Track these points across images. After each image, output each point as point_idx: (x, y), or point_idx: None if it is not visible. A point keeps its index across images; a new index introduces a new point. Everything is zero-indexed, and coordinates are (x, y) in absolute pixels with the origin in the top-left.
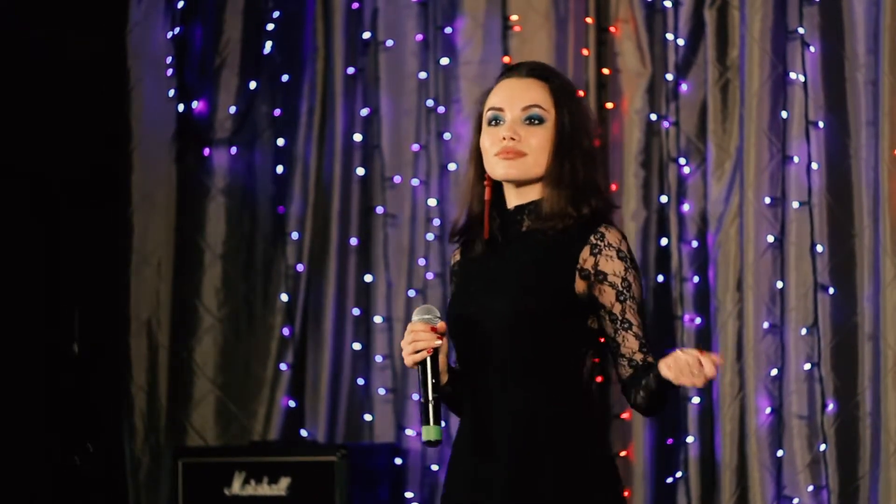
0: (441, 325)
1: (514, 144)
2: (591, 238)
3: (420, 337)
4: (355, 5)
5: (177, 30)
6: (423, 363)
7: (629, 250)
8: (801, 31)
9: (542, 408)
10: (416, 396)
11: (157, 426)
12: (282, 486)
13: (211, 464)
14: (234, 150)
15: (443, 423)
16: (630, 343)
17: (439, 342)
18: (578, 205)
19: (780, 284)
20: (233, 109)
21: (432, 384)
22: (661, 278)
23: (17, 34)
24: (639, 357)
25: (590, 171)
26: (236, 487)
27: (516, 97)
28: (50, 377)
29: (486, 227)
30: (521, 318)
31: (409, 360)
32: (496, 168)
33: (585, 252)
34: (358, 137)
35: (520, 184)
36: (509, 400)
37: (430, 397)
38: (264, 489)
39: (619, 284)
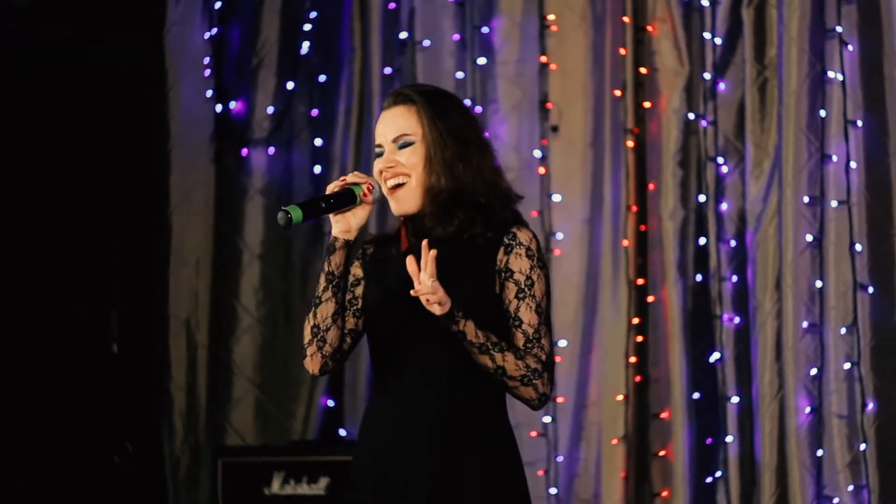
0: (374, 190)
1: (392, 171)
2: (505, 238)
3: (360, 178)
4: (392, 5)
5: (214, 30)
6: (341, 191)
7: (538, 249)
8: (839, 29)
9: (466, 410)
10: None
11: (196, 426)
12: (321, 486)
13: (250, 463)
14: (271, 150)
15: (302, 216)
16: (517, 339)
17: (368, 185)
18: (465, 207)
19: (819, 284)
20: (270, 110)
21: (328, 202)
22: (699, 277)
23: (57, 36)
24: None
25: (469, 173)
26: (276, 487)
27: (388, 132)
28: (90, 377)
29: (403, 241)
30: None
31: (336, 184)
32: (391, 205)
33: (501, 253)
34: None
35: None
36: (434, 401)
37: (321, 201)
38: (303, 488)
39: (522, 282)
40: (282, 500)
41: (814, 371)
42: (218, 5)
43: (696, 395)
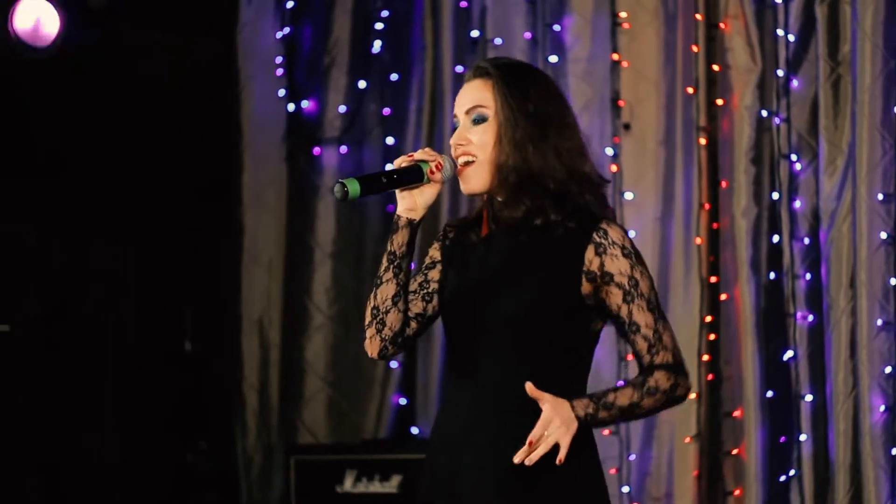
0: (444, 168)
1: (462, 149)
2: (595, 236)
3: (428, 155)
4: (464, 4)
5: (286, 30)
6: (407, 167)
7: (633, 245)
8: None
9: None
10: None
11: (268, 424)
12: (393, 484)
13: (323, 461)
14: (343, 149)
15: (360, 190)
16: (639, 345)
17: (436, 163)
18: (533, 191)
19: (893, 281)
20: (342, 109)
21: (391, 177)
22: (773, 275)
23: (131, 37)
24: (646, 359)
25: (540, 156)
26: (348, 485)
27: (464, 103)
28: (164, 376)
29: (483, 226)
30: (527, 316)
31: (404, 159)
32: (460, 184)
33: (590, 252)
34: None
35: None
36: (511, 394)
37: (382, 176)
38: (376, 487)
39: (626, 284)
40: (354, 499)
41: (888, 369)
42: (290, 5)
43: (769, 394)
